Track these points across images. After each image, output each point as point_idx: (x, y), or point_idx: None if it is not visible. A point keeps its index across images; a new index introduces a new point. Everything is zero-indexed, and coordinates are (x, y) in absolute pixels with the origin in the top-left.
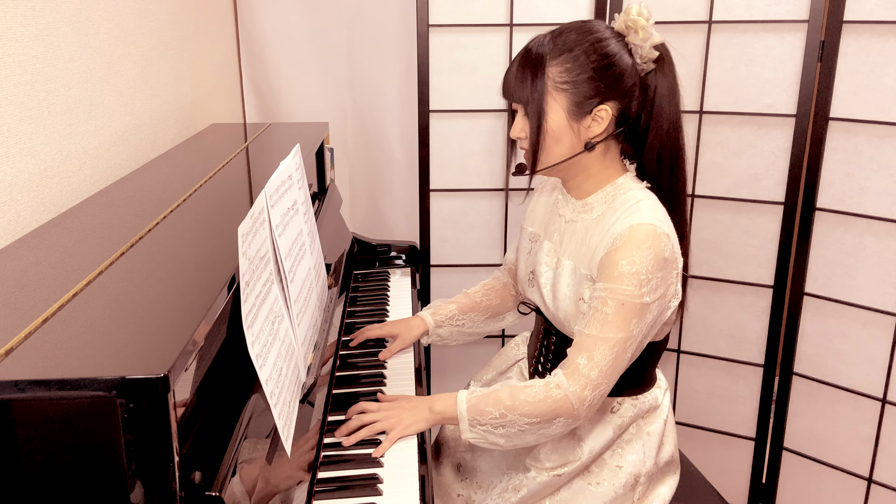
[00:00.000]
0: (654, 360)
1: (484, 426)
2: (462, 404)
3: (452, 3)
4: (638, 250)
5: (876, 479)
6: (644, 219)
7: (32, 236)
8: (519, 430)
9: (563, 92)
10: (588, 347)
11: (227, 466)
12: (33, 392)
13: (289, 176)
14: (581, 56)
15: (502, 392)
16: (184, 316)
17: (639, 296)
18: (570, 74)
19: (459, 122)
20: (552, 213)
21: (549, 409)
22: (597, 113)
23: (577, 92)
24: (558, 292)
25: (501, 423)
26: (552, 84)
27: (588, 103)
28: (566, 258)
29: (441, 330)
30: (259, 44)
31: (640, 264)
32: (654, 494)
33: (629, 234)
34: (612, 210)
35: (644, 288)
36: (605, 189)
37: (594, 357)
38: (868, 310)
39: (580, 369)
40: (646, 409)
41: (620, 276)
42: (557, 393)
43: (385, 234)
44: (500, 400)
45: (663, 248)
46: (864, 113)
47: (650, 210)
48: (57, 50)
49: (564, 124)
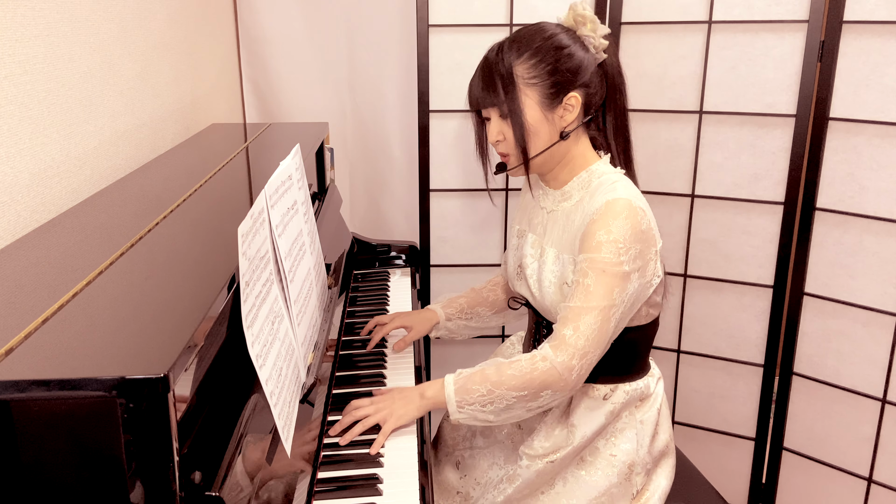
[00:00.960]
0: (646, 347)
1: (472, 405)
2: (449, 386)
3: (452, 3)
4: (615, 220)
5: (876, 479)
6: (620, 195)
7: (32, 236)
8: (507, 405)
9: (533, 86)
10: (573, 318)
11: (227, 466)
12: (33, 392)
13: (289, 176)
14: (541, 51)
15: (489, 369)
16: (184, 316)
17: (618, 263)
18: (536, 69)
19: (459, 122)
20: (534, 207)
21: (536, 381)
22: (566, 101)
23: (546, 83)
24: (543, 280)
25: (489, 400)
26: (522, 81)
27: (557, 93)
28: (549, 246)
29: (450, 323)
30: (259, 44)
31: (617, 233)
32: (654, 486)
33: (605, 207)
34: (589, 194)
35: (623, 256)
36: (580, 176)
37: (580, 326)
38: (868, 310)
39: (566, 339)
40: (638, 395)
41: (598, 245)
42: (544, 365)
43: (385, 234)
44: (486, 377)
45: (640, 220)
46: (864, 113)
47: (625, 188)
48: (57, 50)
49: (540, 116)
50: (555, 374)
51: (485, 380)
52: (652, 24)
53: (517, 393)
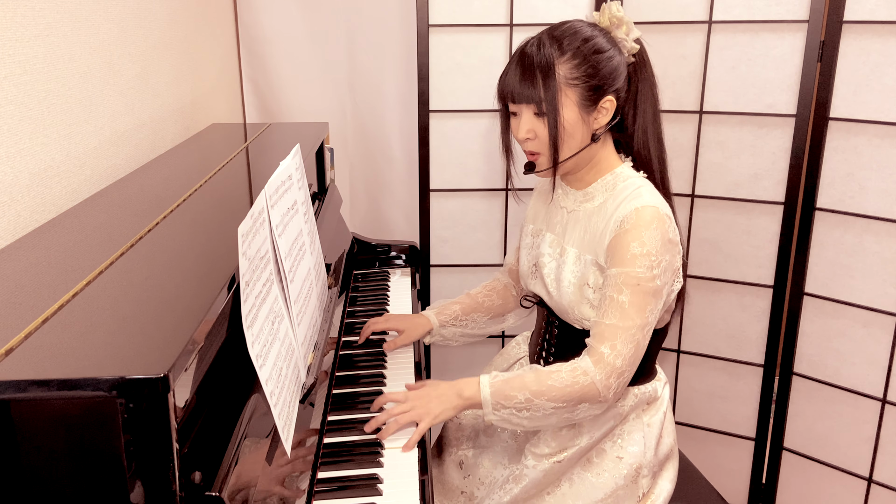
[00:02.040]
0: (655, 350)
1: (508, 409)
2: (485, 389)
3: (452, 3)
4: (647, 231)
5: (876, 479)
6: (647, 202)
7: (32, 236)
8: (544, 415)
9: (574, 87)
10: (610, 337)
11: (227, 466)
12: (33, 392)
13: (289, 176)
14: (582, 53)
15: (528, 376)
16: (184, 316)
17: (651, 279)
18: (579, 70)
19: (459, 122)
20: (553, 206)
21: (575, 394)
22: (602, 105)
23: (586, 86)
24: (562, 280)
25: (526, 407)
26: (564, 81)
27: (596, 96)
28: (570, 246)
29: (445, 330)
30: (259, 44)
31: (650, 245)
32: (659, 489)
33: (635, 216)
34: (613, 197)
35: (656, 270)
36: (604, 178)
37: (617, 346)
38: (868, 310)
39: (605, 358)
40: (646, 399)
41: (633, 259)
42: (585, 379)
43: (385, 234)
44: (525, 385)
45: (667, 229)
46: (864, 113)
47: (650, 195)
48: (57, 50)
49: (577, 118)
50: (594, 391)
51: (524, 387)
52: (652, 24)
53: (556, 404)
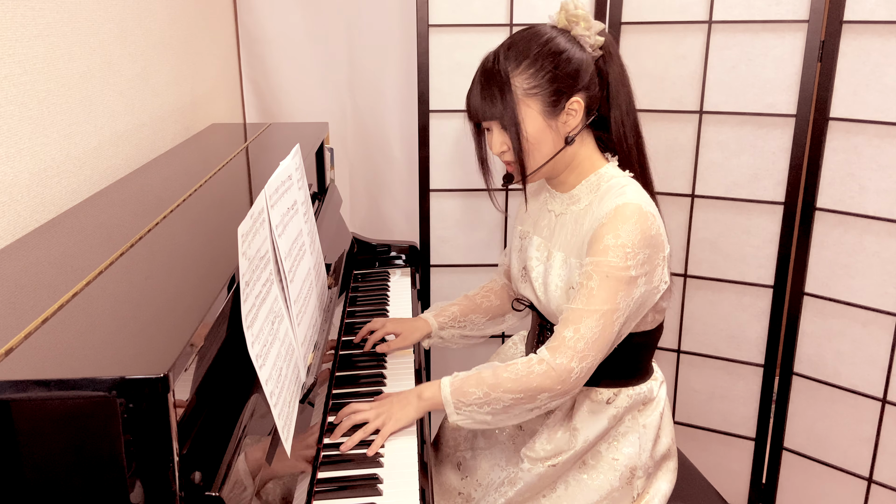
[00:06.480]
0: (649, 351)
1: (469, 406)
2: (445, 388)
3: (452, 3)
4: (623, 225)
5: (876, 479)
6: (630, 199)
7: (32, 236)
8: (504, 407)
9: (533, 97)
10: (574, 320)
11: (227, 466)
12: (33, 392)
13: (289, 176)
14: (539, 59)
15: (485, 372)
16: (184, 316)
17: (624, 268)
18: (536, 78)
19: (460, 122)
20: (541, 210)
21: (532, 383)
22: (569, 107)
23: (547, 92)
24: (549, 284)
25: (486, 402)
26: (522, 92)
27: (559, 100)
28: (557, 250)
29: (443, 332)
30: (259, 44)
31: (626, 238)
32: (654, 490)
33: (615, 212)
34: (598, 198)
35: (630, 261)
36: (588, 179)
37: (580, 329)
38: (868, 310)
39: (566, 342)
40: (641, 400)
41: (605, 249)
42: (540, 367)
43: (385, 234)
44: (482, 380)
45: (650, 225)
46: (864, 113)
47: (635, 193)
48: (57, 50)
49: (542, 126)
50: (552, 377)
51: (481, 382)
52: (652, 24)
53: (514, 395)
